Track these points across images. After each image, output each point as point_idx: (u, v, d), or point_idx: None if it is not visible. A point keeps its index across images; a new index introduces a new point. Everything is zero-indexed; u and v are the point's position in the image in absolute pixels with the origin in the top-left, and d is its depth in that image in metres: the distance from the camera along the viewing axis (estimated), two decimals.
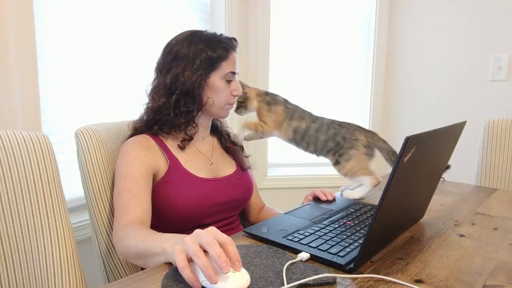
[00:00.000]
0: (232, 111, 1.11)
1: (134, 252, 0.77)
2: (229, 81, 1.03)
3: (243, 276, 0.60)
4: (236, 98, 1.08)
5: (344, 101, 2.22)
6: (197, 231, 0.64)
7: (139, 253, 0.76)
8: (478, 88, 1.97)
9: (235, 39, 1.06)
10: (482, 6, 1.92)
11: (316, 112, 1.12)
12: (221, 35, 1.04)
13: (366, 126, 2.26)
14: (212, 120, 1.12)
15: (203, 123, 1.07)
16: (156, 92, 1.00)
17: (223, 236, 0.62)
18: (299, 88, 2.17)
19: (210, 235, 0.61)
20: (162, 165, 0.97)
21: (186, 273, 0.59)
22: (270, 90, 1.19)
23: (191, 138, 1.02)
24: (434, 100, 2.10)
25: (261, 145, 2.11)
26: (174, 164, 0.98)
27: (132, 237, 0.80)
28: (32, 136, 0.81)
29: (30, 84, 1.21)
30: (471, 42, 1.97)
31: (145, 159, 0.94)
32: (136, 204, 0.89)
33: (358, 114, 2.25)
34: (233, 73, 1.03)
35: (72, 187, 1.39)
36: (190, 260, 0.61)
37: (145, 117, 1.02)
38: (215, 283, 0.57)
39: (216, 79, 1.01)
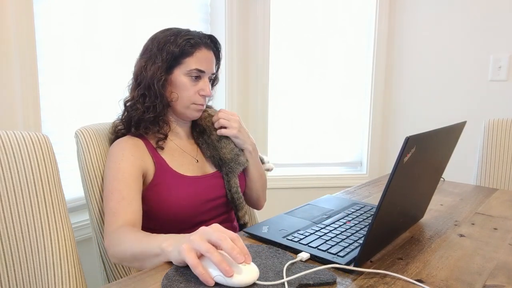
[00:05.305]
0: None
1: (130, 256, 0.77)
2: (196, 79, 0.99)
3: (253, 268, 0.62)
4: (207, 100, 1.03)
5: (344, 101, 2.22)
6: (202, 229, 0.65)
7: (135, 256, 0.75)
8: (478, 88, 1.97)
9: (210, 37, 1.02)
10: (482, 6, 1.92)
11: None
12: (194, 31, 1.00)
13: (366, 126, 2.27)
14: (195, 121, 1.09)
15: (178, 122, 1.05)
16: (130, 86, 1.01)
17: (230, 232, 0.64)
18: (299, 88, 2.17)
19: (218, 231, 0.63)
20: (150, 166, 0.96)
21: (199, 270, 0.60)
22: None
23: (165, 136, 1.00)
24: (434, 100, 2.10)
25: (261, 145, 2.11)
26: (161, 165, 0.97)
27: (126, 240, 0.79)
28: (32, 136, 0.81)
29: (30, 84, 1.21)
30: (471, 42, 1.97)
31: (133, 158, 0.93)
32: (127, 206, 0.87)
33: (358, 115, 2.25)
34: (200, 70, 0.98)
35: (72, 187, 1.39)
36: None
37: (121, 116, 1.01)
38: (230, 277, 0.59)
39: (179, 74, 0.97)
